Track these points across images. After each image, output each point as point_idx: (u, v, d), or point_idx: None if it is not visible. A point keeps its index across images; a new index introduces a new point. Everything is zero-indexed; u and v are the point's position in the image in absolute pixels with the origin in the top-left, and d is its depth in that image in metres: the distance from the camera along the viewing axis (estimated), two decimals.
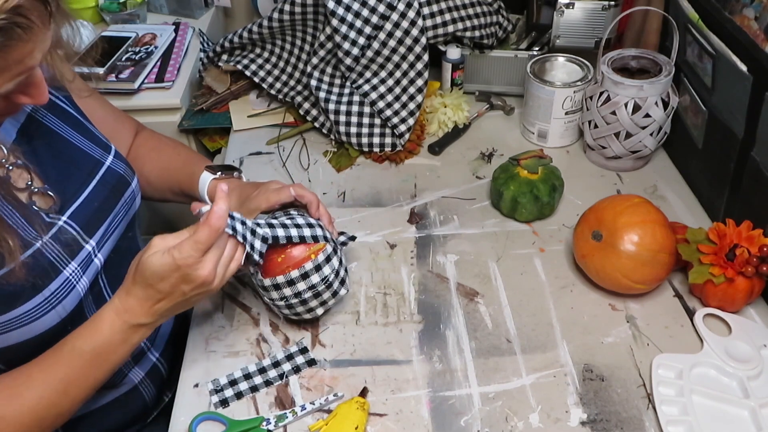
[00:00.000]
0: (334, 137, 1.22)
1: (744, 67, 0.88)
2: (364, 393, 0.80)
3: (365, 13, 1.12)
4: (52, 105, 0.81)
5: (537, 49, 1.28)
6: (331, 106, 1.19)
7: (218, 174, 0.94)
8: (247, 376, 0.83)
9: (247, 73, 1.29)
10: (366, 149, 1.19)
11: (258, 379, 0.83)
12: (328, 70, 1.20)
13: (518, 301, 0.92)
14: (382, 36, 1.13)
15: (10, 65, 0.59)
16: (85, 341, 0.71)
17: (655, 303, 0.92)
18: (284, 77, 1.28)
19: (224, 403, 0.81)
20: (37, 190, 0.75)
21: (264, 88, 1.29)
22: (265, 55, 1.30)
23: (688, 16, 1.01)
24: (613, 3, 1.18)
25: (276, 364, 0.85)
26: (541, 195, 1.01)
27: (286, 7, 1.17)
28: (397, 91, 1.18)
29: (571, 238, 0.98)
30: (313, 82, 1.20)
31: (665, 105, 1.06)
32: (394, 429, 0.78)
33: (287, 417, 0.79)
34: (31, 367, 0.71)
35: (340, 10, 1.11)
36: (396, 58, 1.16)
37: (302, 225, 0.82)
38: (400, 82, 1.18)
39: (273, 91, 1.28)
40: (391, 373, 0.84)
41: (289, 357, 0.85)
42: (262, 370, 0.84)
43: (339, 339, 0.88)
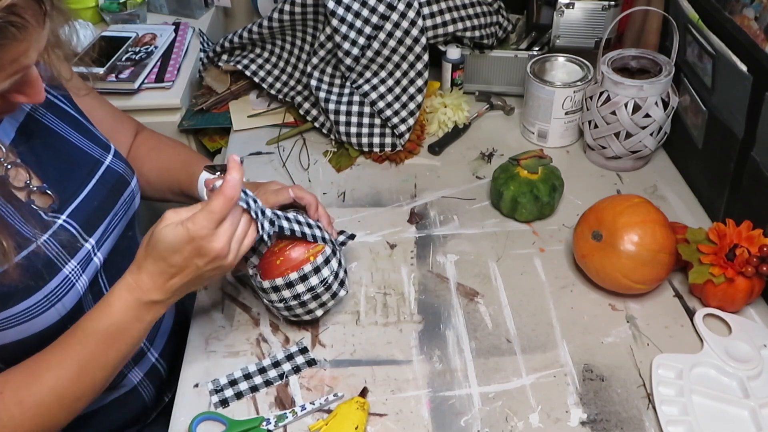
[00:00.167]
0: (334, 137, 1.22)
1: (744, 67, 0.88)
2: (364, 393, 0.80)
3: (365, 13, 1.12)
4: (51, 104, 0.81)
5: (537, 49, 1.28)
6: (331, 106, 1.19)
7: (218, 173, 0.94)
8: (247, 376, 0.83)
9: (247, 73, 1.29)
10: (366, 149, 1.19)
11: (258, 379, 0.83)
12: (328, 70, 1.20)
13: (518, 301, 0.92)
14: (382, 36, 1.13)
15: (5, 64, 0.59)
16: (98, 321, 0.70)
17: (655, 303, 0.92)
18: (284, 77, 1.28)
19: (224, 403, 0.81)
20: (35, 189, 0.75)
21: (264, 88, 1.29)
22: (265, 55, 1.30)
23: (688, 16, 1.01)
24: (613, 3, 1.18)
25: (276, 364, 0.85)
26: (541, 195, 1.01)
27: (286, 7, 1.17)
28: (397, 91, 1.18)
29: (571, 238, 0.98)
30: (313, 82, 1.20)
31: (665, 105, 1.06)
32: (394, 429, 0.78)
33: (287, 417, 0.79)
34: (47, 352, 0.70)
35: (340, 10, 1.11)
36: (396, 58, 1.16)
37: (302, 223, 0.83)
38: (400, 82, 1.18)
39: (273, 91, 1.28)
40: (391, 373, 0.84)
41: (289, 357, 0.85)
42: (262, 370, 0.84)
43: (339, 339, 0.88)
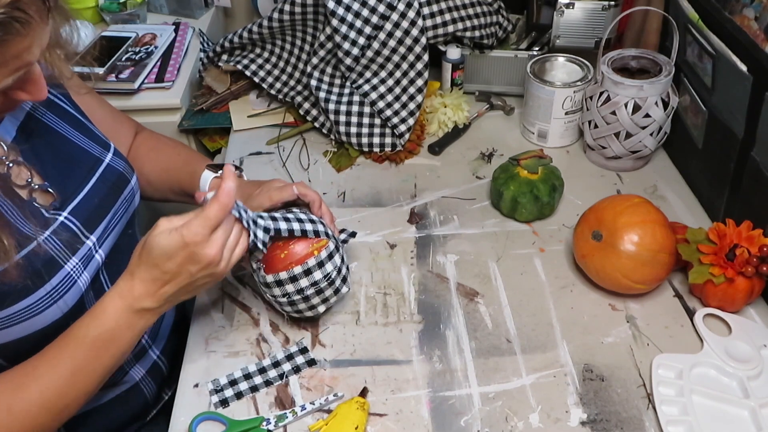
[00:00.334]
0: (334, 137, 1.22)
1: (744, 67, 0.88)
2: (364, 393, 0.80)
3: (365, 13, 1.12)
4: (51, 103, 0.82)
5: (537, 49, 1.28)
6: (331, 106, 1.19)
7: (219, 173, 0.94)
8: (247, 376, 0.83)
9: (247, 73, 1.29)
10: (366, 149, 1.19)
11: (258, 379, 0.83)
12: (328, 70, 1.20)
13: (518, 301, 0.92)
14: (382, 36, 1.13)
15: (8, 60, 0.59)
16: (89, 328, 0.70)
17: (655, 303, 0.92)
18: (284, 77, 1.28)
19: (224, 403, 0.81)
20: (37, 187, 0.75)
21: (264, 88, 1.29)
22: (265, 55, 1.30)
23: (688, 16, 1.01)
24: (613, 3, 1.18)
25: (276, 364, 0.85)
26: (541, 195, 1.01)
27: (286, 7, 1.17)
28: (397, 91, 1.18)
29: (571, 238, 0.98)
30: (313, 82, 1.20)
31: (665, 105, 1.06)
32: (394, 429, 0.78)
33: (287, 417, 0.79)
34: (37, 359, 0.70)
35: (340, 10, 1.11)
36: (396, 58, 1.16)
37: (304, 221, 0.83)
38: (400, 82, 1.18)
39: (273, 91, 1.28)
40: (391, 373, 0.84)
41: (289, 357, 0.85)
42: (262, 370, 0.84)
43: (339, 339, 0.88)
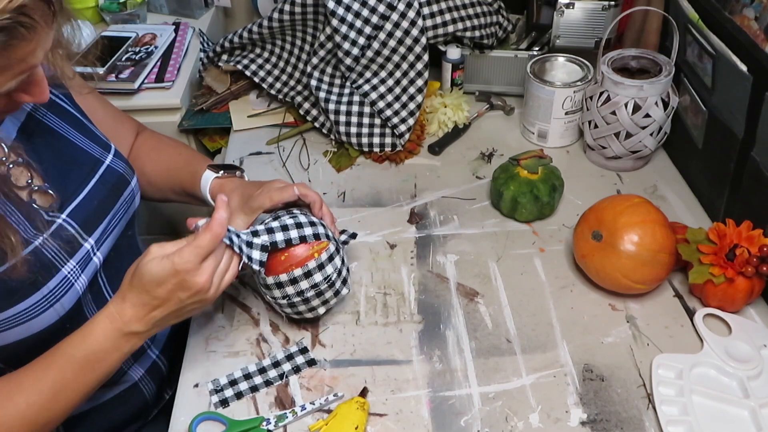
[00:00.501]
0: (334, 137, 1.22)
1: (744, 67, 0.88)
2: (364, 393, 0.80)
3: (365, 13, 1.12)
4: (52, 104, 0.82)
5: (537, 49, 1.28)
6: (331, 106, 1.19)
7: (221, 173, 0.94)
8: (247, 376, 0.83)
9: (247, 73, 1.29)
10: (366, 149, 1.19)
11: (258, 379, 0.83)
12: (328, 70, 1.20)
13: (518, 301, 0.92)
14: (382, 36, 1.13)
15: (13, 64, 0.59)
16: (77, 347, 0.71)
17: (655, 303, 0.92)
18: (284, 77, 1.28)
19: (224, 403, 0.81)
20: (37, 188, 0.75)
21: (264, 88, 1.29)
22: (265, 55, 1.30)
23: (688, 16, 1.01)
24: (613, 3, 1.18)
25: (276, 364, 0.85)
26: (541, 195, 1.01)
27: (286, 7, 1.17)
28: (397, 91, 1.18)
29: (571, 238, 0.98)
30: (313, 82, 1.20)
31: (665, 105, 1.06)
32: (394, 429, 0.78)
33: (287, 417, 0.79)
34: (22, 373, 0.71)
35: (340, 10, 1.11)
36: (396, 58, 1.16)
37: (304, 224, 0.82)
38: (400, 82, 1.18)
39: (273, 91, 1.28)
40: (391, 373, 0.84)
41: (289, 357, 0.85)
42: (262, 370, 0.84)
43: (339, 339, 0.88)
